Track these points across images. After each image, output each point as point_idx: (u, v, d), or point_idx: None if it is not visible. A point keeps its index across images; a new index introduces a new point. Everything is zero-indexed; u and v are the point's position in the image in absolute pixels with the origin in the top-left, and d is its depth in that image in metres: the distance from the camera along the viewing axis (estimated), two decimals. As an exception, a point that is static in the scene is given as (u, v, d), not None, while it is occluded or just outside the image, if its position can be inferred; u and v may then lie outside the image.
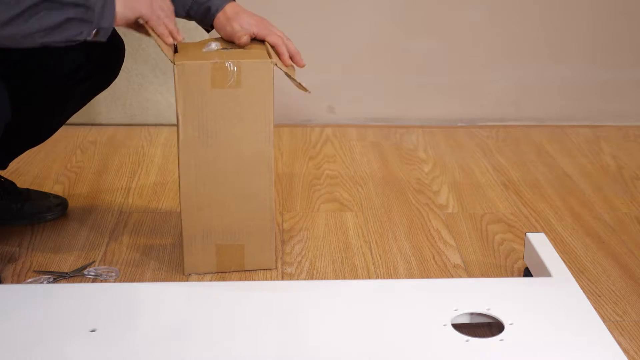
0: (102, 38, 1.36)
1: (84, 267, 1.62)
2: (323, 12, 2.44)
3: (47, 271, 1.61)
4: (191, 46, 1.52)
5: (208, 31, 1.62)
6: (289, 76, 1.48)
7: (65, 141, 2.27)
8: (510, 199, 2.00)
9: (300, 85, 1.49)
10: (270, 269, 1.62)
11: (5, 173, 1.85)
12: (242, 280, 1.58)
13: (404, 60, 2.50)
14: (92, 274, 1.60)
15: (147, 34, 1.44)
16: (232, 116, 1.49)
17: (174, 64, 1.44)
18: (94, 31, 1.34)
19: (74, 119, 1.75)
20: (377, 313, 1.30)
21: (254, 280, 1.59)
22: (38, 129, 1.71)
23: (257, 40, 1.55)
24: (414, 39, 2.48)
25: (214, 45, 1.51)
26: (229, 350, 1.21)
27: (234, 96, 1.47)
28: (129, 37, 1.66)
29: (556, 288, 1.39)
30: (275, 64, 1.47)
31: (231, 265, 1.60)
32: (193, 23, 1.60)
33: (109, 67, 1.65)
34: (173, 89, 1.52)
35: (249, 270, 1.61)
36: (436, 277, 1.64)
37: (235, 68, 1.45)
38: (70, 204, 1.88)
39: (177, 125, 1.50)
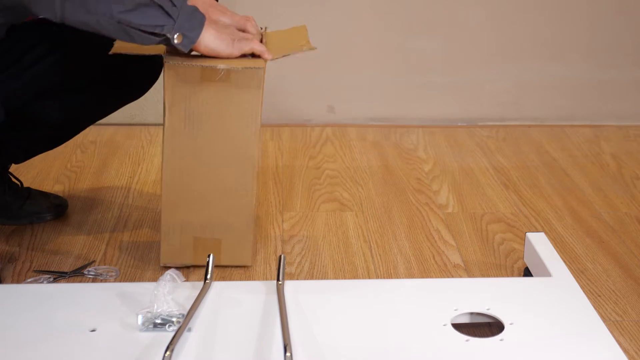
0: (184, 48, 1.39)
1: (84, 267, 1.62)
2: (323, 12, 2.44)
3: (47, 271, 1.61)
4: None
5: None
6: (288, 55, 1.50)
7: (65, 141, 2.27)
8: (510, 199, 2.00)
9: (303, 48, 1.51)
10: (248, 266, 1.62)
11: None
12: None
13: (404, 60, 2.50)
14: (92, 273, 1.60)
15: None
16: (220, 109, 1.49)
17: (164, 63, 1.45)
18: (177, 34, 1.36)
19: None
20: (377, 313, 1.30)
21: (254, 279, 1.59)
22: (59, 130, 1.72)
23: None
24: (414, 38, 2.47)
25: None
26: (232, 349, 1.21)
27: (223, 91, 1.48)
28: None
29: (556, 288, 1.39)
30: (270, 60, 1.48)
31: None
32: None
33: (142, 79, 1.67)
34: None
35: (224, 266, 1.60)
36: (436, 277, 1.64)
37: (224, 71, 1.45)
38: (70, 204, 1.88)
39: (163, 114, 1.50)
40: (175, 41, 1.37)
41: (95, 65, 1.59)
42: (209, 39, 1.41)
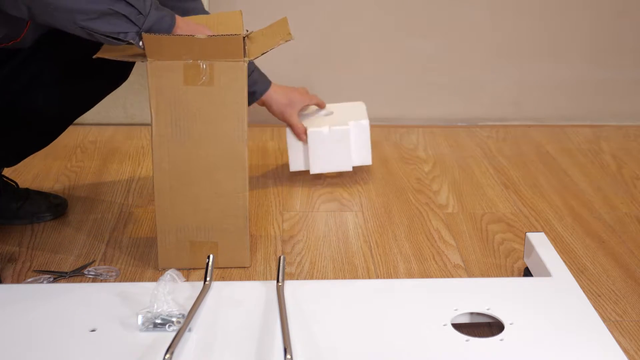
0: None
1: (84, 267, 1.62)
2: (323, 12, 2.44)
3: (47, 271, 1.61)
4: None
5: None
6: (272, 48, 1.51)
7: (65, 141, 2.27)
8: (510, 199, 2.00)
9: (280, 42, 1.52)
10: (247, 266, 1.62)
11: (6, 171, 1.85)
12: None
13: (404, 60, 2.49)
14: (92, 273, 1.60)
15: None
16: (205, 114, 1.49)
17: (147, 60, 1.45)
18: (141, 40, 1.39)
19: (74, 118, 1.77)
20: (377, 313, 1.30)
21: (255, 279, 1.59)
22: (47, 124, 1.71)
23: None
24: (414, 38, 2.47)
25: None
26: (233, 349, 1.21)
27: (207, 94, 1.48)
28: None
29: (556, 288, 1.39)
30: (254, 59, 1.48)
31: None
32: None
33: (123, 65, 1.65)
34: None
35: (223, 268, 1.61)
36: (436, 277, 1.64)
37: (207, 67, 1.45)
38: (70, 203, 1.88)
39: (150, 121, 1.50)
40: (140, 44, 1.40)
41: (75, 57, 1.59)
42: None
